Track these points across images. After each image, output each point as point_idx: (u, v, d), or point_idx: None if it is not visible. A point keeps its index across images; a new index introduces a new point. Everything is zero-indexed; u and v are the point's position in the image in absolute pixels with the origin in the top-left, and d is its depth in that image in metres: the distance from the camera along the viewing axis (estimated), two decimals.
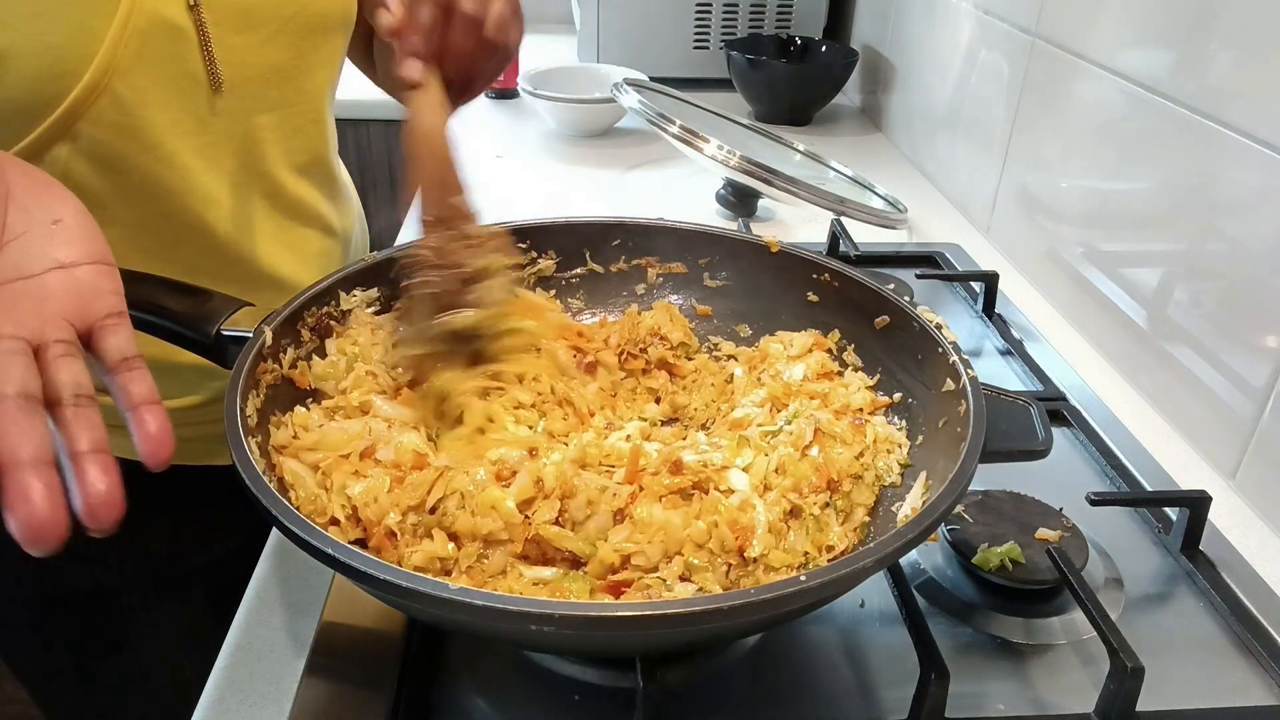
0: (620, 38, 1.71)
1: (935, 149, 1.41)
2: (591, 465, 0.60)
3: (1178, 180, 0.87)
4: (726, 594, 0.44)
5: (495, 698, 0.58)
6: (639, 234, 0.77)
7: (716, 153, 1.13)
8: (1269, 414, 0.76)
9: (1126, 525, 0.74)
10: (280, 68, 0.72)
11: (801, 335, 0.72)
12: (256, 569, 0.68)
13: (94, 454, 0.44)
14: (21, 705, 0.96)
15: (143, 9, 0.62)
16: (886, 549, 0.47)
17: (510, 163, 1.44)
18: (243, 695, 0.58)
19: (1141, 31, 0.92)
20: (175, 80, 0.66)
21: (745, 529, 0.55)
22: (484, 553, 0.54)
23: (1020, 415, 0.59)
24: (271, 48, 0.71)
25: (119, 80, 0.62)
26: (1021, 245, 1.15)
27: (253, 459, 0.50)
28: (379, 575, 0.43)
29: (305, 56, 0.74)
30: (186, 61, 0.66)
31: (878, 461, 0.62)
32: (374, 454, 0.58)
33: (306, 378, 0.62)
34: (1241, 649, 0.63)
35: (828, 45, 1.70)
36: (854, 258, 1.06)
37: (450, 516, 0.54)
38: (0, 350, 0.43)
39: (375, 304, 0.68)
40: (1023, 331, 0.99)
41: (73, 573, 0.84)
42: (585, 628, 0.44)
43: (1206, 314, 0.83)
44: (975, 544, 0.67)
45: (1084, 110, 1.01)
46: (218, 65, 0.67)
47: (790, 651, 0.61)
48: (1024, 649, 0.62)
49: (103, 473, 0.44)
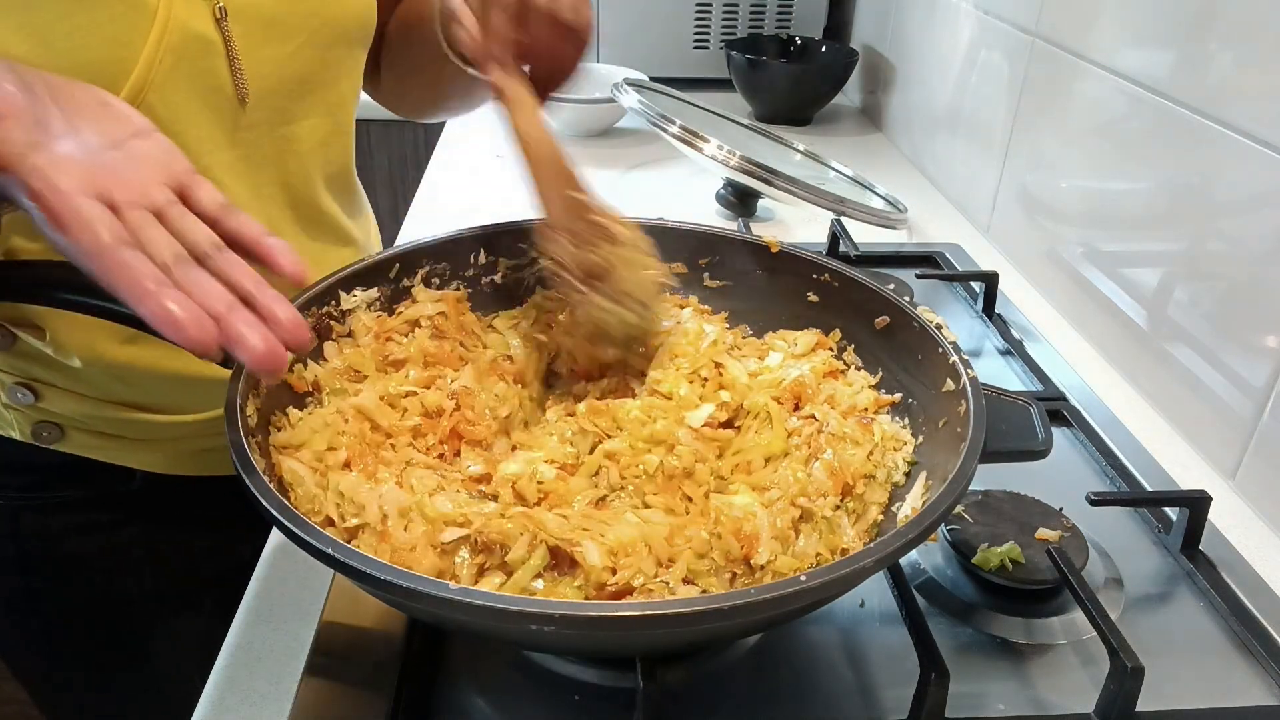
0: (620, 38, 1.71)
1: (935, 149, 1.41)
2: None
3: (1177, 180, 0.87)
4: (727, 594, 0.44)
5: (495, 698, 0.58)
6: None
7: (716, 153, 1.13)
8: (1269, 414, 0.76)
9: (1126, 525, 0.74)
10: (305, 79, 0.73)
11: (804, 334, 0.72)
12: (256, 569, 0.68)
13: (259, 288, 0.48)
14: (19, 705, 0.96)
15: (176, 23, 0.62)
16: (886, 549, 0.47)
17: (511, 163, 1.43)
18: (243, 695, 0.58)
19: (1141, 31, 0.92)
20: (204, 95, 0.66)
21: (750, 537, 0.55)
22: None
23: (1020, 415, 0.59)
24: (297, 60, 0.71)
25: (154, 95, 0.62)
26: (1021, 245, 1.15)
27: (253, 459, 0.50)
28: (379, 575, 0.43)
29: (330, 68, 0.74)
30: (214, 75, 0.66)
31: (886, 459, 0.62)
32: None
33: (304, 382, 0.62)
34: (1241, 649, 0.63)
35: (828, 45, 1.70)
36: (854, 258, 1.06)
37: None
38: (135, 222, 0.46)
39: (375, 304, 0.68)
40: (1023, 331, 0.99)
41: (90, 584, 0.84)
42: (585, 628, 0.44)
43: (1206, 314, 0.83)
44: (975, 544, 0.67)
45: (1084, 110, 1.01)
46: (244, 78, 0.67)
47: (790, 651, 0.61)
48: (1024, 649, 0.62)
49: (277, 301, 0.48)
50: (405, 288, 0.70)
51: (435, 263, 0.72)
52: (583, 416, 0.64)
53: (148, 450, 0.78)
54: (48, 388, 0.72)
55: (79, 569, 0.83)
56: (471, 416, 0.64)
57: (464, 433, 0.63)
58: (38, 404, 0.73)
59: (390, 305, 0.69)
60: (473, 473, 0.60)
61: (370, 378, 0.64)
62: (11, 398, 0.72)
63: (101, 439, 0.76)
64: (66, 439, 0.75)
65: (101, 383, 0.72)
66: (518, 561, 0.52)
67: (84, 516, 0.81)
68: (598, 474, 0.61)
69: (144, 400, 0.75)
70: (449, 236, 0.73)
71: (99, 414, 0.74)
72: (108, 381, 0.72)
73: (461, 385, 0.65)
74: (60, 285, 0.61)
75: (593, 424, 0.63)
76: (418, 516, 0.54)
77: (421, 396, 0.64)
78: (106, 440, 0.76)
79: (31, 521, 0.80)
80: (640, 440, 0.61)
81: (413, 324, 0.68)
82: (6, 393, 0.72)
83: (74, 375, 0.71)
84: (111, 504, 0.81)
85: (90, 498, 0.80)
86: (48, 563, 0.82)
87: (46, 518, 0.80)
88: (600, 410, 0.64)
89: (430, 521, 0.54)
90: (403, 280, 0.70)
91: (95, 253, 0.45)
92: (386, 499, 0.55)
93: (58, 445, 0.75)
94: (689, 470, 0.60)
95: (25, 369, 0.71)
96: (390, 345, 0.66)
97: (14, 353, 0.71)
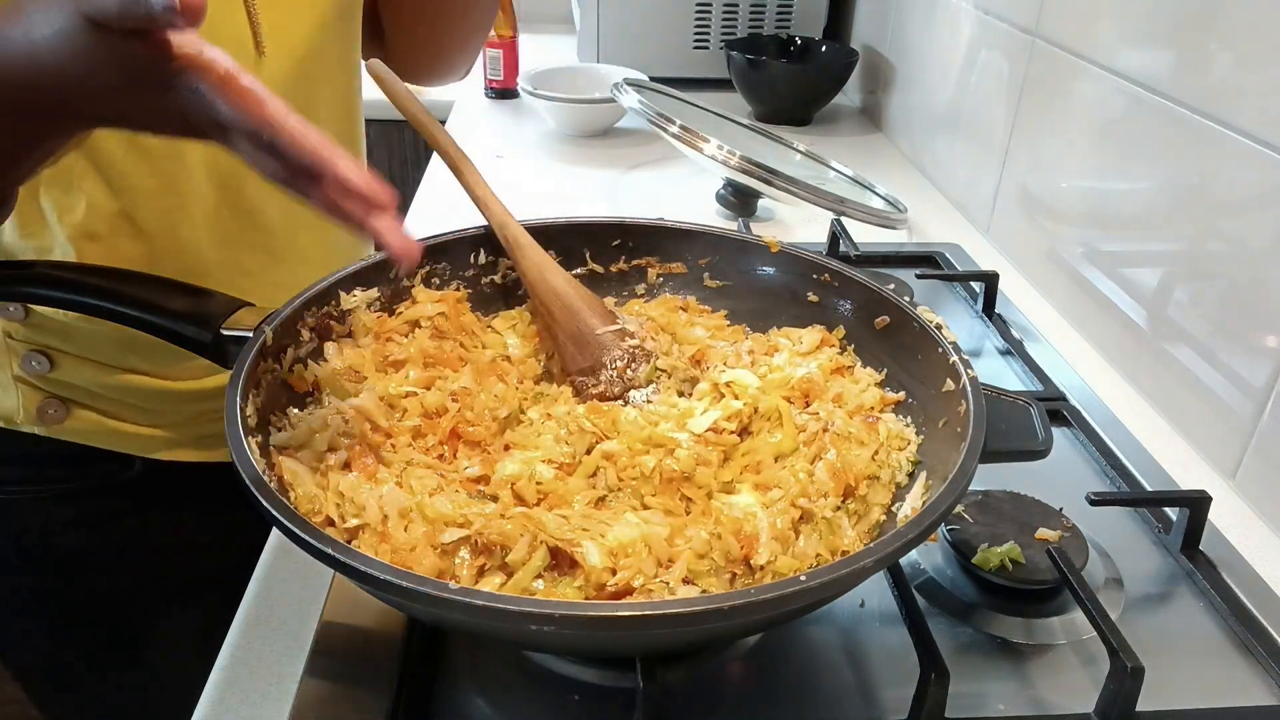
0: (620, 38, 1.71)
1: (935, 149, 1.41)
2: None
3: (1177, 180, 0.87)
4: (727, 594, 0.44)
5: (495, 698, 0.58)
6: (639, 234, 0.77)
7: (716, 153, 1.13)
8: (1269, 414, 0.76)
9: (1126, 525, 0.74)
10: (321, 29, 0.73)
11: (809, 332, 0.72)
12: (256, 569, 0.68)
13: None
14: (19, 705, 0.96)
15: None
16: (886, 549, 0.47)
17: (510, 163, 1.44)
18: (243, 695, 0.58)
19: (1141, 31, 0.92)
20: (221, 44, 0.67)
21: (750, 537, 0.55)
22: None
23: (1020, 415, 0.59)
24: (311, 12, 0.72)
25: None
26: (1021, 245, 1.15)
27: (253, 459, 0.50)
28: (379, 575, 0.43)
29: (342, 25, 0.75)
30: (231, 24, 0.66)
31: (890, 459, 0.62)
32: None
33: (305, 381, 0.62)
34: (1241, 649, 0.63)
35: (828, 45, 1.70)
36: (854, 258, 1.06)
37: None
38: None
39: (375, 304, 0.68)
40: (1023, 331, 0.99)
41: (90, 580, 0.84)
42: (585, 628, 0.44)
43: (1206, 314, 0.83)
44: (975, 544, 0.67)
45: (1084, 110, 1.01)
46: (261, 29, 0.67)
47: (790, 651, 0.61)
48: (1024, 649, 0.62)
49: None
50: (405, 288, 0.70)
51: (435, 263, 0.72)
52: (581, 416, 0.64)
53: (150, 429, 0.79)
54: (63, 355, 0.74)
55: (78, 565, 0.83)
56: (471, 417, 0.64)
57: (463, 433, 0.63)
58: (52, 373, 0.74)
59: (390, 305, 0.69)
60: (470, 474, 0.60)
61: (370, 378, 0.64)
62: (25, 367, 0.74)
63: (104, 420, 0.77)
64: (71, 418, 0.76)
65: (112, 351, 0.74)
66: (518, 562, 0.52)
67: (83, 507, 0.81)
68: (595, 475, 0.61)
69: (154, 368, 0.76)
70: (449, 236, 0.73)
71: (111, 381, 0.76)
72: (118, 350, 0.74)
73: (461, 386, 0.65)
74: (60, 285, 0.61)
75: (592, 424, 0.63)
76: (418, 517, 0.54)
77: (421, 397, 0.64)
78: (109, 421, 0.78)
79: (31, 516, 0.81)
80: (638, 442, 0.61)
81: (413, 324, 0.69)
82: (21, 363, 0.74)
83: (88, 341, 0.73)
84: (111, 493, 0.81)
85: (90, 488, 0.81)
86: (48, 559, 0.83)
87: (46, 511, 0.81)
88: (600, 411, 0.64)
89: (430, 522, 0.54)
90: (403, 280, 0.70)
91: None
92: (387, 499, 0.55)
93: (60, 427, 0.76)
94: (688, 473, 0.60)
95: (42, 339, 0.73)
96: (390, 346, 0.67)
97: (29, 324, 0.73)
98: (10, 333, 0.73)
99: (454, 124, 1.59)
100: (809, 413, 0.64)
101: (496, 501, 0.58)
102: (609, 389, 0.68)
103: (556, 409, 0.66)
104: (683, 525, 0.56)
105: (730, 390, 0.66)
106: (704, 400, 0.66)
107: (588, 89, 1.52)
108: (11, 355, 0.74)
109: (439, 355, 0.67)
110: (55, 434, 0.77)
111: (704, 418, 0.63)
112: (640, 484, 0.59)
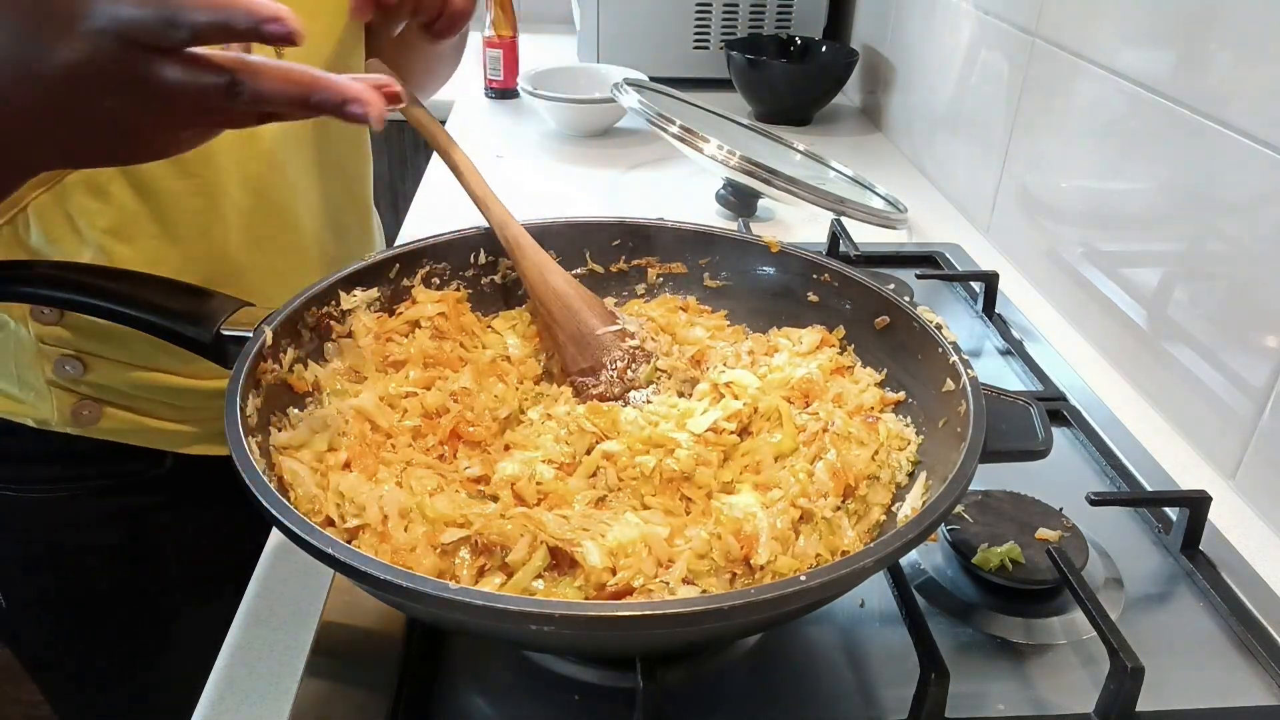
0: (620, 38, 1.71)
1: (935, 149, 1.41)
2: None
3: (1177, 180, 0.87)
4: (727, 594, 0.44)
5: (495, 698, 0.58)
6: (639, 234, 0.77)
7: (716, 153, 1.13)
8: (1269, 414, 0.76)
9: (1126, 525, 0.74)
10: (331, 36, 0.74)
11: (809, 332, 0.72)
12: (257, 569, 0.68)
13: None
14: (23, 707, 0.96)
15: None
16: (886, 549, 0.47)
17: (510, 163, 1.44)
18: (243, 695, 0.58)
19: (1141, 31, 0.92)
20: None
21: (750, 537, 0.55)
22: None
23: (1020, 415, 0.59)
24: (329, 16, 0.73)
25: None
26: (1021, 245, 1.15)
27: (253, 459, 0.50)
28: (380, 575, 0.43)
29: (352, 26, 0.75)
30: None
31: (890, 459, 0.62)
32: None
33: (305, 381, 0.62)
34: (1241, 649, 0.63)
35: (828, 45, 1.69)
36: (854, 258, 1.06)
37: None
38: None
39: (375, 304, 0.68)
40: (1023, 331, 0.99)
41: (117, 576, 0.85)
42: (585, 628, 0.44)
43: (1206, 314, 0.83)
44: (975, 544, 0.67)
45: (1084, 110, 1.01)
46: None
47: (790, 651, 0.61)
48: (1024, 649, 0.62)
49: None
50: (405, 288, 0.70)
51: (435, 263, 0.72)
52: (581, 416, 0.64)
53: (179, 424, 0.80)
54: (96, 359, 0.75)
55: (110, 561, 0.84)
56: (471, 417, 0.64)
57: (463, 434, 0.63)
58: (85, 376, 0.75)
59: (390, 305, 0.69)
60: (470, 474, 0.60)
61: (370, 378, 0.64)
62: (59, 371, 0.74)
63: (137, 418, 0.78)
64: (104, 418, 0.77)
65: (143, 351, 0.74)
66: (518, 563, 0.52)
67: (118, 503, 0.83)
68: (595, 475, 0.61)
69: (182, 366, 0.77)
70: (449, 236, 0.73)
71: (141, 380, 0.76)
72: (149, 349, 0.74)
73: (461, 386, 0.65)
74: (60, 286, 0.61)
75: (592, 424, 0.63)
76: (418, 517, 0.54)
77: (421, 397, 0.64)
78: (141, 419, 0.78)
79: (66, 513, 0.82)
80: (638, 442, 0.61)
81: (413, 324, 0.69)
82: (54, 367, 0.74)
83: (121, 343, 0.74)
84: (144, 489, 0.82)
85: (124, 484, 0.82)
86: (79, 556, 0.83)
87: (78, 508, 0.81)
88: (600, 411, 0.64)
89: (430, 522, 0.54)
90: (403, 280, 0.70)
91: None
92: (387, 500, 0.55)
93: (94, 428, 0.77)
94: (688, 474, 0.60)
95: (75, 342, 0.74)
96: (390, 346, 0.67)
97: (64, 325, 0.73)
98: (43, 338, 0.73)
99: (454, 124, 1.59)
100: (809, 413, 0.64)
101: (496, 502, 0.58)
102: (609, 389, 0.68)
103: (556, 409, 0.66)
104: (683, 525, 0.56)
105: (730, 390, 0.66)
106: (704, 400, 0.66)
107: (588, 89, 1.52)
108: (44, 360, 0.74)
109: (439, 355, 0.67)
110: (88, 433, 0.77)
111: (704, 418, 0.63)
112: (640, 484, 0.59)
